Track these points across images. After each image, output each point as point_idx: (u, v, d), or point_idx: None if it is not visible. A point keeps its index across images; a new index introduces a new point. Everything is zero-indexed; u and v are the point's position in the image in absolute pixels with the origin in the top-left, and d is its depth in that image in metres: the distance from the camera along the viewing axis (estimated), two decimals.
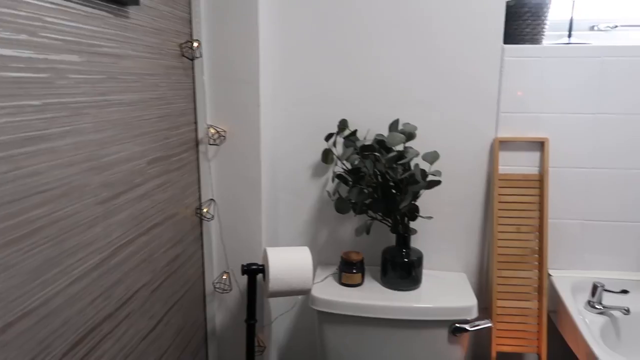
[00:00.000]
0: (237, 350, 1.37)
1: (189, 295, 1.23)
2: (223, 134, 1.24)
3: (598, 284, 1.29)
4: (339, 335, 1.32)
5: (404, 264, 1.34)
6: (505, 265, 1.38)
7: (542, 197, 1.37)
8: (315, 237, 1.49)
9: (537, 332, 1.36)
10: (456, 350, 1.30)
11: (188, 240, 1.21)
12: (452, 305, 1.28)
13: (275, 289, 1.16)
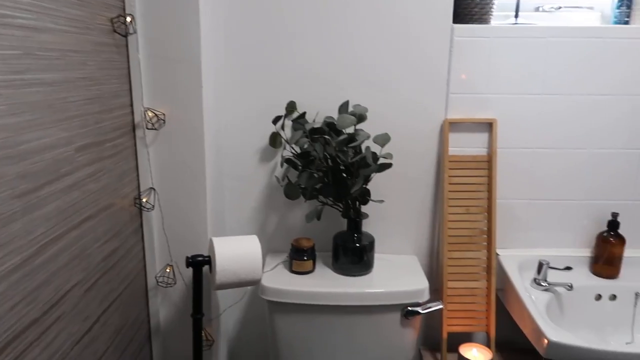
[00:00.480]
0: (184, 345, 1.30)
1: (129, 292, 1.14)
2: (162, 118, 1.15)
3: (543, 262, 1.32)
4: (291, 324, 1.28)
5: (356, 249, 1.31)
6: (455, 247, 1.38)
7: (490, 178, 1.37)
8: (264, 224, 1.43)
9: (486, 311, 1.38)
10: (408, 333, 1.30)
11: (126, 233, 1.13)
12: (404, 288, 1.27)
13: (222, 280, 1.10)
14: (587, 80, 1.35)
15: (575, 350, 1.12)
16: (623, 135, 1.38)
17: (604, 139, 1.38)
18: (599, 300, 1.36)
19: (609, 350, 1.12)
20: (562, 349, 1.12)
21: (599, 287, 1.36)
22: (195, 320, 1.14)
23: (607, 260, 1.38)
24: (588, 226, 1.44)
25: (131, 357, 1.16)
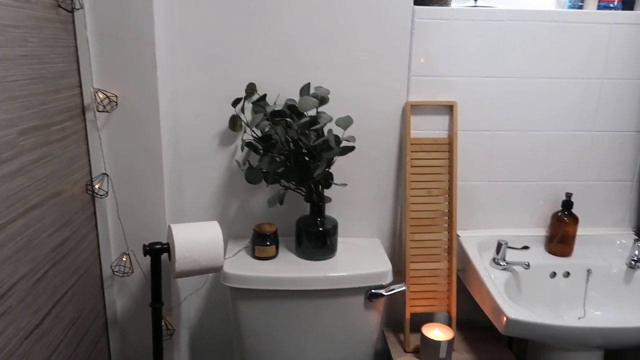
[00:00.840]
0: (144, 335, 1.26)
1: (83, 282, 1.09)
2: (114, 100, 1.10)
3: (502, 242, 1.35)
4: (254, 311, 1.26)
5: (319, 233, 1.30)
6: (417, 229, 1.39)
7: (451, 161, 1.39)
8: (225, 210, 1.40)
9: (447, 291, 1.41)
10: (372, 316, 1.31)
11: (78, 221, 1.07)
12: (368, 271, 1.27)
13: (182, 268, 1.07)
14: (543, 63, 1.37)
15: (532, 327, 1.15)
16: (576, 118, 1.42)
17: (559, 122, 1.42)
18: (554, 278, 1.40)
19: (563, 325, 1.16)
20: (520, 326, 1.15)
21: (554, 265, 1.40)
22: (155, 309, 1.10)
23: (562, 239, 1.42)
24: (544, 206, 1.48)
25: (87, 350, 1.11)
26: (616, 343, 1.21)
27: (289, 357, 1.31)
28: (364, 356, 1.35)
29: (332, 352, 1.31)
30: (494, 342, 1.44)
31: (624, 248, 1.44)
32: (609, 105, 1.41)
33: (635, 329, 1.15)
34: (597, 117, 1.42)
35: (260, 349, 1.30)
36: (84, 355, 1.10)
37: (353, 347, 1.32)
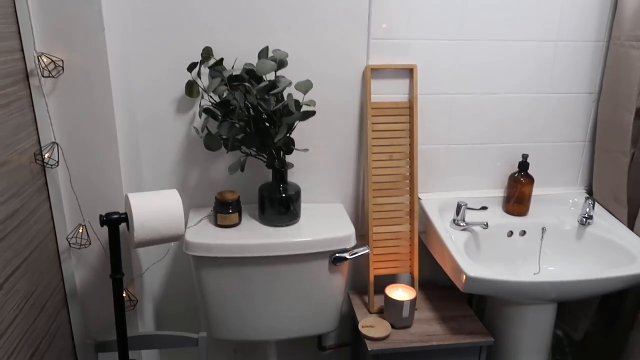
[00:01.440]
0: (105, 307, 1.23)
1: (37, 255, 1.05)
2: (60, 65, 1.04)
3: (462, 203, 1.38)
4: (219, 279, 1.26)
5: (282, 199, 1.30)
6: (380, 193, 1.40)
7: (412, 125, 1.39)
8: (185, 179, 1.37)
9: (410, 253, 1.44)
10: (337, 279, 1.32)
11: (28, 192, 1.02)
12: (331, 236, 1.28)
13: (141, 238, 1.05)
14: (500, 25, 1.38)
15: (490, 283, 1.19)
16: (532, 80, 1.44)
17: (515, 84, 1.44)
18: (511, 237, 1.45)
19: (518, 281, 1.21)
20: (478, 283, 1.19)
21: (511, 225, 1.45)
22: (115, 280, 1.08)
23: (518, 199, 1.47)
24: (501, 168, 1.51)
25: (46, 324, 1.09)
26: (568, 296, 1.28)
27: (255, 323, 1.32)
28: (330, 319, 1.37)
29: (299, 316, 1.33)
30: (454, 300, 1.49)
31: (576, 206, 1.50)
32: (563, 68, 1.44)
33: (585, 282, 1.21)
34: (552, 80, 1.45)
35: (225, 316, 1.30)
36: (43, 329, 1.07)
37: (319, 310, 1.34)
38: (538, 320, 1.36)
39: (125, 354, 1.14)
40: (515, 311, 1.37)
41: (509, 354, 1.40)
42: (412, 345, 1.29)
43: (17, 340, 0.95)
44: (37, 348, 1.04)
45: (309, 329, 1.36)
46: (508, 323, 1.38)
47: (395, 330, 1.34)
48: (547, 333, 1.39)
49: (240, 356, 1.56)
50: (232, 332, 1.32)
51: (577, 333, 1.53)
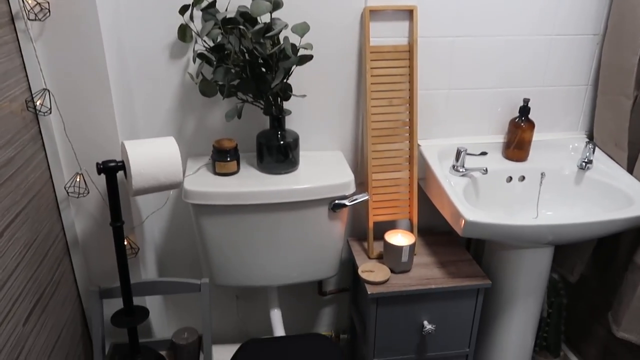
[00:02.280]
0: (107, 255, 1.25)
1: (36, 204, 1.05)
2: (46, 7, 1.00)
3: (461, 149, 1.37)
4: (219, 227, 1.26)
5: (280, 146, 1.28)
6: (379, 139, 1.39)
7: (411, 69, 1.36)
8: (181, 127, 1.35)
9: (409, 199, 1.44)
10: (336, 226, 1.33)
11: (22, 140, 1.01)
12: (331, 183, 1.28)
13: (140, 186, 1.04)
14: None
15: (488, 227, 1.20)
16: (534, 22, 1.39)
17: (517, 26, 1.39)
18: (510, 182, 1.45)
19: (516, 225, 1.21)
20: (477, 227, 1.20)
21: (510, 170, 1.45)
22: (115, 228, 1.08)
23: (518, 144, 1.46)
24: (502, 113, 1.49)
25: (49, 272, 1.10)
26: (566, 239, 1.29)
27: (256, 269, 1.33)
28: (330, 265, 1.39)
29: (299, 263, 1.35)
30: (452, 245, 1.50)
31: (576, 151, 1.49)
32: (567, 9, 1.39)
33: (581, 225, 1.22)
34: (556, 22, 1.40)
35: (227, 263, 1.31)
36: (47, 277, 1.08)
37: (319, 256, 1.36)
38: (535, 263, 1.38)
39: (130, 300, 1.16)
40: (512, 255, 1.39)
41: (505, 297, 1.43)
42: (411, 289, 1.31)
43: (20, 287, 0.96)
44: (42, 295, 1.05)
45: (309, 275, 1.38)
46: (505, 267, 1.40)
47: (395, 274, 1.36)
48: (543, 276, 1.41)
49: (242, 302, 1.60)
50: (233, 278, 1.34)
51: (573, 276, 1.56)
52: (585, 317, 1.66)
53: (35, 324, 1.01)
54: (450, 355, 1.43)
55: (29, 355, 0.97)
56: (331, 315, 1.68)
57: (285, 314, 1.51)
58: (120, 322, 1.17)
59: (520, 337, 1.47)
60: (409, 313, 1.35)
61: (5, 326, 0.89)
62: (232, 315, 1.61)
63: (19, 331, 0.94)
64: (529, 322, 1.45)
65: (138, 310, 1.20)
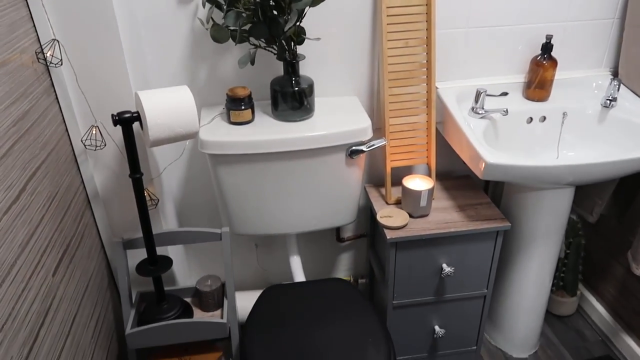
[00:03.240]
0: (128, 207, 1.26)
1: (54, 158, 1.05)
2: None
3: (481, 90, 1.33)
4: (236, 176, 1.26)
5: (295, 93, 1.26)
6: (395, 83, 1.35)
7: (429, 7, 1.30)
8: (193, 76, 1.32)
9: (427, 144, 1.42)
10: (354, 172, 1.32)
11: (35, 93, 1.00)
12: (348, 129, 1.25)
13: (156, 136, 1.03)
14: None
15: (509, 169, 1.18)
16: None
17: None
18: (530, 123, 1.42)
19: (537, 165, 1.19)
20: (497, 169, 1.18)
21: (531, 111, 1.41)
22: (135, 180, 1.09)
23: (539, 84, 1.41)
24: (523, 51, 1.44)
25: (73, 223, 1.12)
26: (586, 179, 1.26)
27: (275, 218, 1.34)
28: (348, 211, 1.39)
29: (317, 209, 1.35)
30: (470, 189, 1.49)
31: (600, 89, 1.44)
32: None
33: (602, 164, 1.20)
34: None
35: (245, 212, 1.32)
36: (71, 229, 1.10)
37: (337, 203, 1.36)
38: (555, 205, 1.37)
39: (153, 250, 1.18)
40: (532, 197, 1.37)
41: (524, 238, 1.43)
42: (430, 233, 1.31)
43: (47, 239, 0.98)
44: (68, 247, 1.07)
45: (327, 222, 1.39)
46: (525, 209, 1.40)
47: (413, 219, 1.36)
48: (563, 217, 1.40)
49: (261, 250, 1.62)
50: (252, 227, 1.35)
51: (592, 217, 1.55)
52: (603, 256, 1.66)
53: (64, 274, 1.03)
54: (468, 297, 1.45)
55: (61, 303, 1.00)
56: (349, 261, 1.71)
57: (304, 261, 1.54)
58: (145, 271, 1.19)
59: (538, 278, 1.48)
60: (427, 257, 1.36)
61: (36, 276, 0.91)
62: (252, 263, 1.64)
63: (49, 281, 0.96)
64: (547, 263, 1.46)
65: (162, 260, 1.23)
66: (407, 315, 1.46)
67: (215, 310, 1.34)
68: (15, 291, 0.84)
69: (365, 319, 1.19)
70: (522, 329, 1.58)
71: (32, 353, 0.86)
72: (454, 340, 1.54)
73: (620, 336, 1.61)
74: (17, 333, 0.82)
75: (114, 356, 1.28)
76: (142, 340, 1.20)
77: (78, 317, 1.08)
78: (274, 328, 1.17)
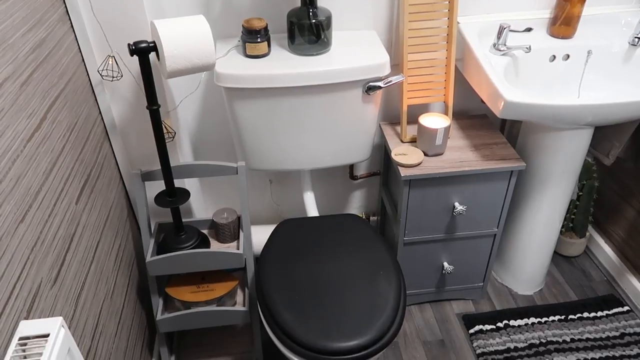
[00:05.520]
0: (145, 139, 1.27)
1: (72, 88, 1.05)
2: None
3: (504, 25, 1.29)
4: (251, 110, 1.25)
5: (312, 25, 1.22)
6: (416, 17, 1.31)
7: None
8: (208, 6, 1.28)
9: (445, 81, 1.39)
10: (370, 109, 1.31)
11: (52, 20, 0.98)
12: (365, 64, 1.23)
13: (173, 67, 1.02)
14: None
15: (529, 108, 1.17)
16: None
17: None
18: (553, 61, 1.38)
19: (557, 104, 1.17)
20: (517, 108, 1.17)
21: (554, 48, 1.37)
22: (152, 111, 1.09)
23: (566, 20, 1.36)
24: None
25: (93, 154, 1.13)
26: (605, 119, 1.25)
27: (289, 153, 1.35)
28: (363, 148, 1.39)
29: (332, 146, 1.35)
30: (486, 128, 1.48)
31: (629, 26, 1.38)
32: None
33: (623, 104, 1.17)
34: None
35: (260, 147, 1.33)
36: (91, 159, 1.12)
37: (352, 140, 1.36)
38: (572, 145, 1.36)
39: (171, 182, 1.21)
40: (549, 137, 1.36)
41: (537, 179, 1.43)
42: (444, 171, 1.32)
43: (69, 167, 1.00)
44: (89, 176, 1.09)
45: (342, 159, 1.40)
46: (541, 149, 1.39)
47: (428, 157, 1.36)
48: (579, 158, 1.39)
49: (275, 185, 1.64)
50: (267, 162, 1.37)
51: (609, 159, 1.54)
52: (616, 199, 1.67)
53: (86, 202, 1.06)
54: (478, 235, 1.48)
55: (84, 231, 1.04)
56: (361, 199, 1.73)
57: (316, 197, 1.55)
58: (163, 203, 1.22)
59: (549, 219, 1.50)
60: (440, 195, 1.37)
61: (60, 203, 0.94)
62: (266, 198, 1.67)
63: (72, 209, 0.99)
64: (559, 204, 1.47)
65: (180, 192, 1.25)
66: (417, 251, 1.50)
67: (231, 242, 1.38)
68: (42, 216, 0.86)
69: (377, 253, 1.22)
70: (529, 268, 1.62)
71: (59, 276, 0.90)
72: (461, 277, 1.58)
73: (626, 276, 1.65)
74: (45, 255, 0.86)
75: (135, 282, 1.34)
76: (161, 267, 1.25)
77: (101, 245, 1.12)
78: (289, 259, 1.21)
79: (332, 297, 1.11)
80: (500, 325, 1.55)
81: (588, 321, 1.55)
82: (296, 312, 1.08)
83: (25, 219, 0.81)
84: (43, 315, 0.83)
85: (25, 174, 0.82)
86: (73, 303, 0.95)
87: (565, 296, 1.66)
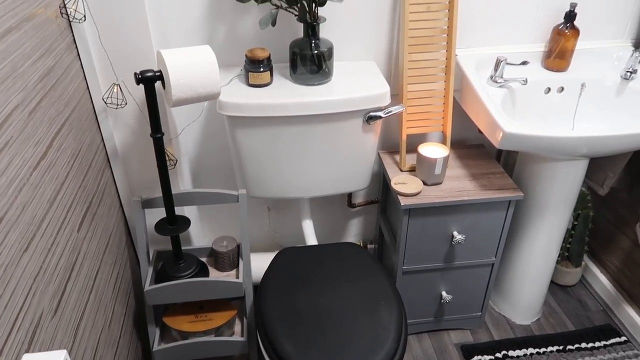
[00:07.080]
0: (146, 166, 1.27)
1: (77, 115, 1.05)
2: None
3: (501, 58, 1.32)
4: (253, 138, 1.26)
5: (314, 56, 1.25)
6: (415, 49, 1.34)
7: None
8: (212, 35, 1.30)
9: (443, 111, 1.42)
10: (370, 138, 1.33)
11: (60, 49, 0.99)
12: (366, 94, 1.25)
13: (179, 96, 1.03)
14: None
15: (526, 139, 1.19)
16: None
17: None
18: (548, 93, 1.41)
19: (554, 136, 1.20)
20: (515, 139, 1.19)
21: (549, 81, 1.40)
22: (156, 139, 1.09)
23: (560, 53, 1.40)
24: (544, 20, 1.42)
25: (95, 181, 1.13)
26: (600, 151, 1.27)
27: (290, 181, 1.35)
28: (362, 177, 1.40)
29: (332, 174, 1.36)
30: (484, 158, 1.50)
31: (621, 61, 1.43)
32: None
33: (617, 137, 1.20)
34: None
35: (261, 174, 1.33)
36: (93, 187, 1.11)
37: (352, 169, 1.37)
38: (567, 176, 1.38)
39: (172, 209, 1.20)
40: (545, 167, 1.38)
41: (534, 209, 1.45)
42: (444, 201, 1.33)
43: (72, 195, 0.99)
44: (90, 204, 1.09)
45: (341, 187, 1.40)
46: (537, 179, 1.41)
47: (427, 186, 1.37)
48: (574, 189, 1.42)
49: (273, 213, 1.64)
50: (267, 190, 1.37)
51: (603, 189, 1.57)
52: (610, 229, 1.69)
53: (87, 230, 1.05)
54: (476, 264, 1.48)
55: (85, 259, 1.02)
56: (359, 227, 1.73)
57: (314, 225, 1.55)
58: (164, 230, 1.21)
59: (546, 248, 1.51)
60: (440, 224, 1.38)
61: (63, 231, 0.93)
62: (264, 226, 1.66)
63: (74, 237, 0.98)
64: (555, 233, 1.49)
65: (180, 219, 1.24)
66: (415, 280, 1.49)
67: (230, 270, 1.37)
68: (45, 245, 0.85)
69: (378, 282, 1.21)
70: (527, 297, 1.62)
71: (60, 306, 0.89)
72: (459, 306, 1.58)
73: (622, 306, 1.66)
74: (47, 285, 0.85)
75: (131, 311, 1.32)
76: (160, 296, 1.23)
77: (100, 273, 1.10)
78: (289, 289, 1.20)
79: (333, 328, 1.10)
80: (499, 355, 1.54)
81: (586, 352, 1.55)
82: (297, 343, 1.06)
83: (29, 248, 0.80)
84: (43, 347, 0.81)
85: (31, 202, 0.82)
86: (72, 334, 0.93)
87: (562, 326, 1.66)
